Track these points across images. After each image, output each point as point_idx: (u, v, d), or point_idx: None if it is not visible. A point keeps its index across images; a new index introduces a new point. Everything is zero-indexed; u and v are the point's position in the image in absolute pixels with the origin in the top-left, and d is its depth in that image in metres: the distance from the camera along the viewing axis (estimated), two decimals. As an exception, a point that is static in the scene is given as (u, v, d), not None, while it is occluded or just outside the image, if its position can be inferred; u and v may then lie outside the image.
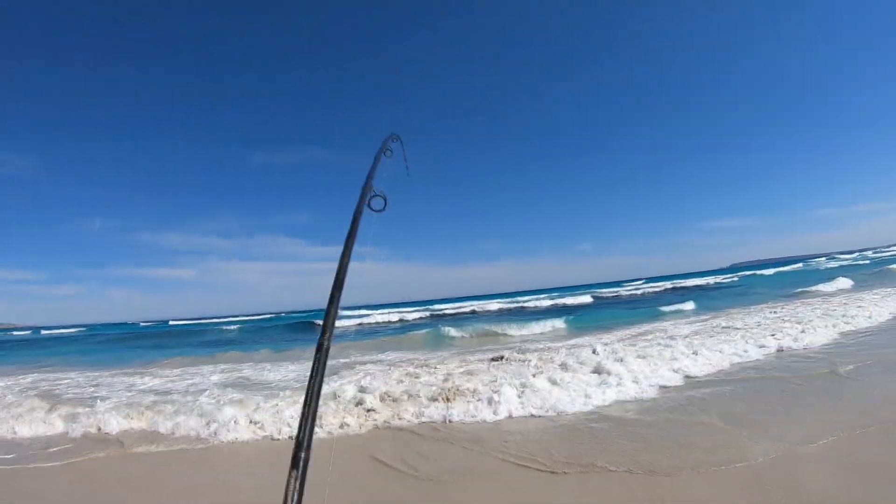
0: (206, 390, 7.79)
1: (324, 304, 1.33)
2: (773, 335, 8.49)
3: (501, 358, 8.58)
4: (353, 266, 1.49)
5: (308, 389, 1.09)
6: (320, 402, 1.12)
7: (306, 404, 1.06)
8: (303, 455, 0.98)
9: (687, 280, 50.15)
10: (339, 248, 1.49)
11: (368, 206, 1.69)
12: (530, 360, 7.80)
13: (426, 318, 28.99)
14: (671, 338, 9.41)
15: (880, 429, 4.01)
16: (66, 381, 10.56)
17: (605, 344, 9.40)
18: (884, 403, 4.73)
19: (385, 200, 1.75)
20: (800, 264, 59.28)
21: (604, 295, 38.41)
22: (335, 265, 1.41)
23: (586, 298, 33.76)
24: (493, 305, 35.64)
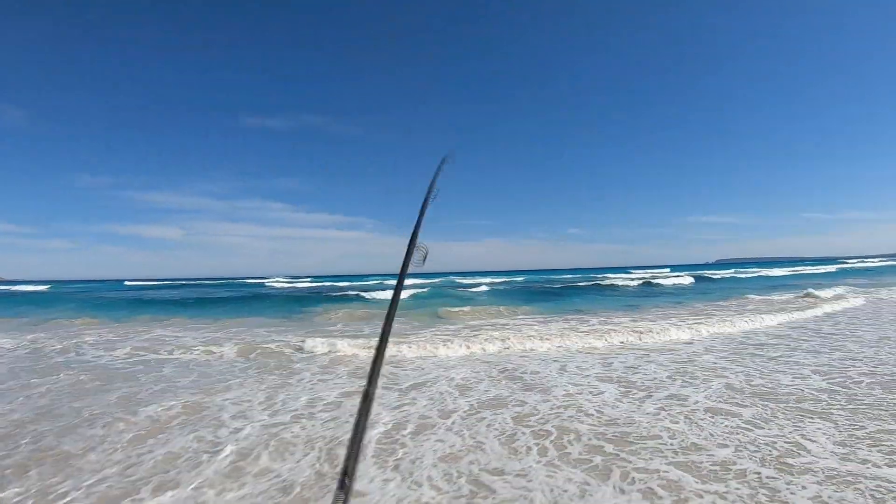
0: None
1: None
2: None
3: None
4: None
5: (354, 431, 1.26)
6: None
7: (353, 442, 1.26)
8: (347, 482, 1.20)
9: (704, 270, 50.71)
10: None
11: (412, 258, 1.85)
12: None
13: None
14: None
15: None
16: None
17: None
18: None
19: (425, 257, 1.89)
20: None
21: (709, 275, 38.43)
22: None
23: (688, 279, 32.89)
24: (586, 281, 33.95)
